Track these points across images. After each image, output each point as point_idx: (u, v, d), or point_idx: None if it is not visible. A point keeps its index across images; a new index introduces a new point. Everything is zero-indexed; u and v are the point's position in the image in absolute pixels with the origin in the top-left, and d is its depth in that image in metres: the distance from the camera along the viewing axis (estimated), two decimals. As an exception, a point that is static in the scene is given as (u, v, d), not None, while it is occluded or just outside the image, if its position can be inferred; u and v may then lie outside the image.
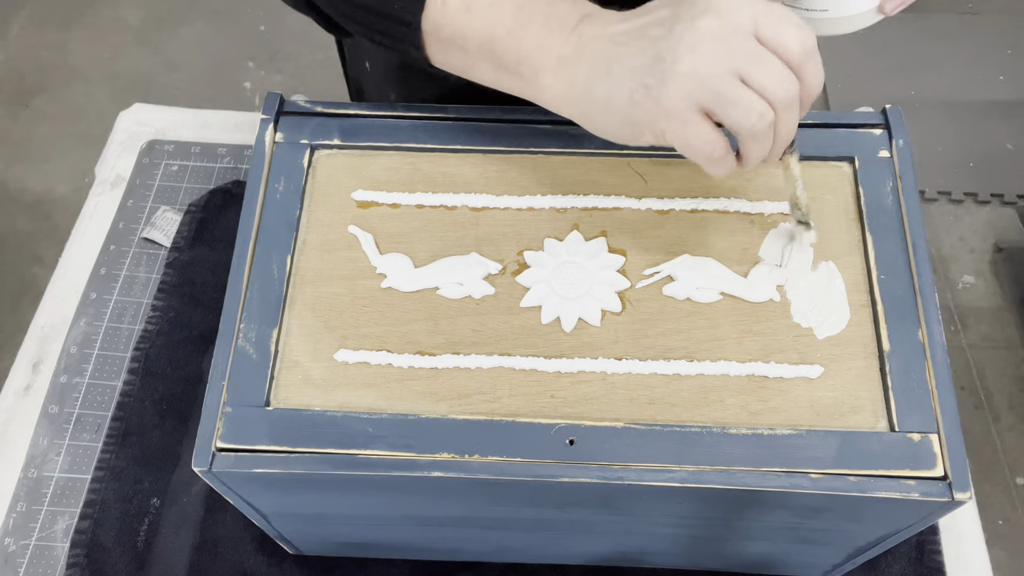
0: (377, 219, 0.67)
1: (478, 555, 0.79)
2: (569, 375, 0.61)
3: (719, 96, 0.53)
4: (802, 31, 0.53)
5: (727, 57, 0.53)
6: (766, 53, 0.53)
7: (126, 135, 1.07)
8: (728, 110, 0.54)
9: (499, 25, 0.60)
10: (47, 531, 0.83)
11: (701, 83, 0.53)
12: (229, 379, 0.60)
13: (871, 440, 0.57)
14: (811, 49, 0.53)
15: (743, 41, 0.53)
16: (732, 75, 0.53)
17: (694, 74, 0.53)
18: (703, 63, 0.53)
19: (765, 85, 0.53)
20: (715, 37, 0.53)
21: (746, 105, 0.53)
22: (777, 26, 0.53)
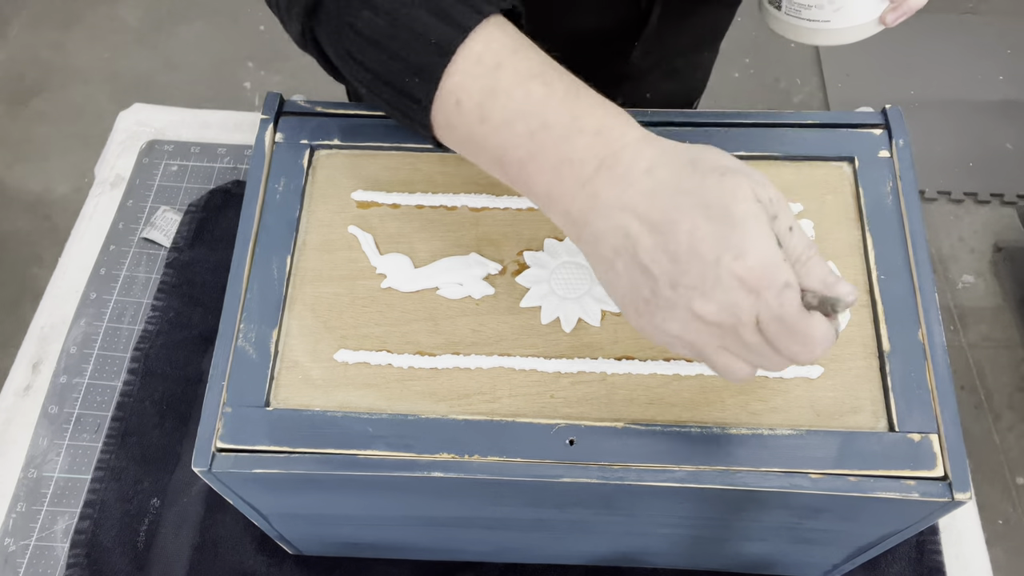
0: (377, 219, 0.67)
1: (478, 555, 0.79)
2: (569, 375, 0.61)
3: (699, 356, 0.51)
4: (810, 350, 0.48)
5: (715, 337, 0.49)
6: (763, 344, 0.48)
7: (126, 135, 1.07)
8: (717, 370, 0.51)
9: (511, 151, 0.53)
10: (47, 531, 0.83)
11: (685, 346, 0.50)
12: (229, 379, 0.60)
13: (871, 440, 0.57)
14: (811, 360, 0.49)
15: (741, 332, 0.48)
16: (720, 348, 0.49)
17: (679, 340, 0.50)
18: (691, 336, 0.49)
19: (755, 363, 0.50)
20: (706, 321, 0.48)
21: (724, 370, 0.50)
22: (784, 339, 0.48)
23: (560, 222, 0.54)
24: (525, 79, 0.53)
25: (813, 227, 0.66)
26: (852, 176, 0.68)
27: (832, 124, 0.69)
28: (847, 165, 0.68)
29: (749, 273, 0.46)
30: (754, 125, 0.69)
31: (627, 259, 0.49)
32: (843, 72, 2.39)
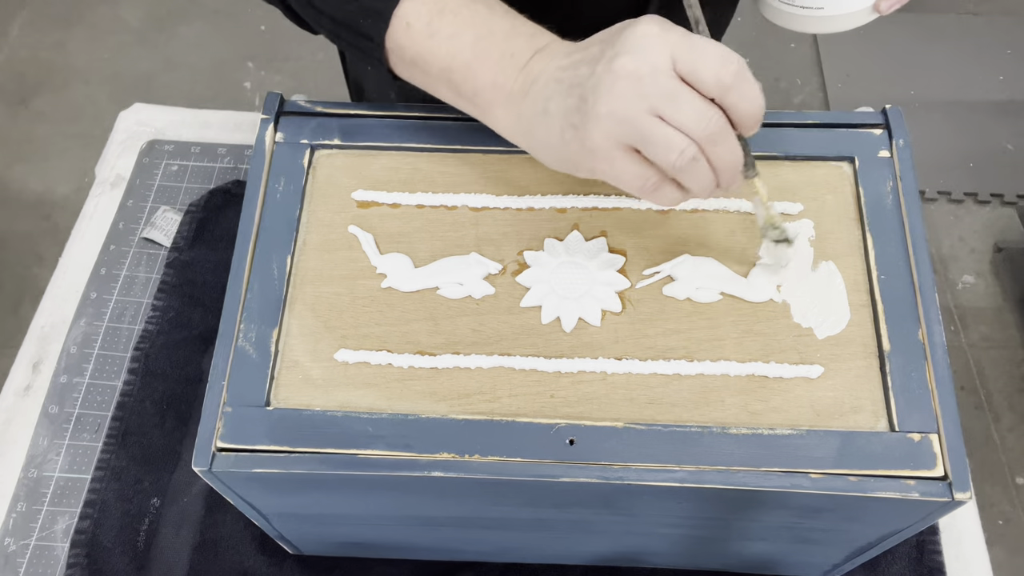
0: (377, 219, 0.67)
1: (478, 555, 0.79)
2: (569, 375, 0.61)
3: (639, 135, 0.54)
4: (720, 61, 0.53)
5: (643, 97, 0.53)
6: (683, 89, 0.53)
7: (126, 135, 1.07)
8: (649, 148, 0.55)
9: (458, 56, 0.62)
10: (47, 531, 0.83)
11: (620, 123, 0.54)
12: (229, 379, 0.60)
13: (871, 440, 0.57)
14: (731, 79, 0.53)
15: (659, 79, 0.53)
16: (649, 114, 0.53)
17: (612, 115, 0.54)
18: (620, 104, 0.54)
19: (683, 122, 0.53)
20: (631, 77, 0.53)
21: (664, 143, 0.54)
22: (694, 61, 0.53)
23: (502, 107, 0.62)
24: (470, 2, 0.63)
25: (813, 227, 0.66)
26: (852, 176, 0.68)
27: (832, 124, 0.69)
28: (847, 165, 0.68)
29: (654, 25, 0.54)
30: (754, 125, 0.69)
31: (556, 94, 0.58)
32: (843, 72, 2.39)
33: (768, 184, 0.68)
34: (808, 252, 0.65)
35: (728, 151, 0.55)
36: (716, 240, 0.66)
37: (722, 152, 0.55)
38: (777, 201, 0.67)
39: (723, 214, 0.67)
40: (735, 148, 0.56)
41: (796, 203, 0.67)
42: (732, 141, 0.55)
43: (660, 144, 0.54)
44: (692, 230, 0.66)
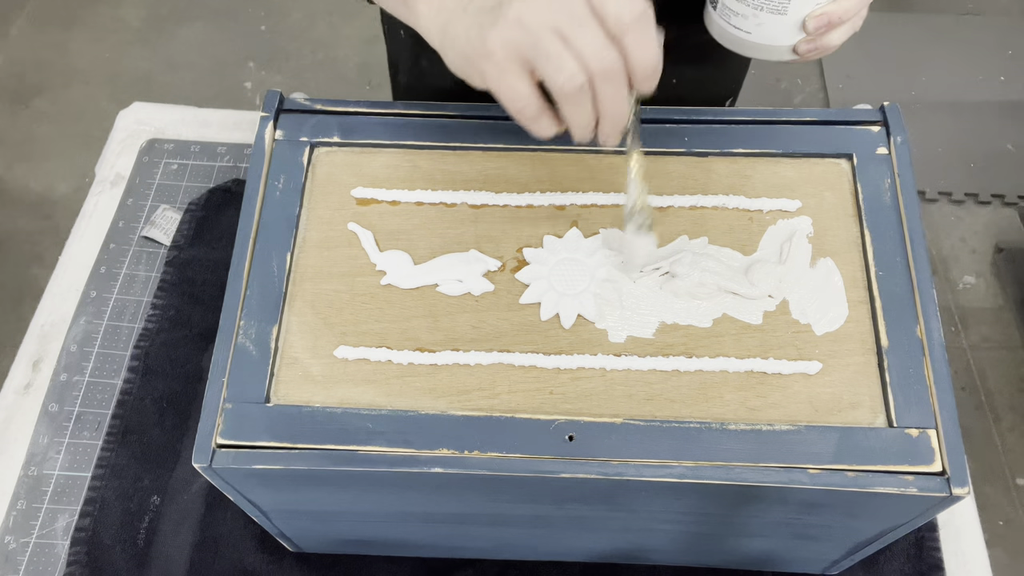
0: (377, 216, 0.67)
1: (478, 552, 0.80)
2: (568, 371, 0.61)
3: (536, 48, 0.54)
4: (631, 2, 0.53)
5: (552, 12, 0.53)
6: (590, 18, 0.53)
7: (126, 134, 1.07)
8: (541, 63, 0.55)
9: None
10: (47, 529, 0.83)
11: (523, 32, 0.54)
12: (229, 376, 0.60)
13: (869, 436, 0.57)
14: (632, 20, 0.53)
15: (572, 1, 0.53)
16: (553, 31, 0.54)
17: (518, 22, 0.54)
18: (529, 14, 0.54)
19: (582, 49, 0.54)
20: None
21: (557, 62, 0.54)
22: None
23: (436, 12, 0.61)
24: None
25: (812, 223, 0.66)
26: (851, 173, 0.68)
27: (831, 121, 0.70)
28: (846, 162, 0.68)
29: None
30: (754, 122, 0.70)
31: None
32: (844, 73, 2.39)
33: (767, 181, 0.68)
34: (806, 249, 0.65)
35: (614, 95, 0.56)
36: (715, 236, 0.66)
37: (609, 94, 0.55)
38: (775, 198, 0.67)
39: (722, 211, 0.67)
40: (622, 96, 0.56)
41: (794, 200, 0.67)
42: (622, 87, 0.55)
43: (553, 62, 0.54)
44: (691, 226, 0.66)
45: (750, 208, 0.67)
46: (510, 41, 0.55)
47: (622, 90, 0.55)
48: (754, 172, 0.68)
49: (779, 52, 0.68)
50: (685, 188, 0.68)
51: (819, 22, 0.65)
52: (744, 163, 0.69)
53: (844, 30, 0.67)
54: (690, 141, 0.69)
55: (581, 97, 0.55)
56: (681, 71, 0.96)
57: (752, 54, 0.69)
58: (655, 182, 0.68)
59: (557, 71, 0.54)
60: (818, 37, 0.66)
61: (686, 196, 0.67)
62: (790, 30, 0.66)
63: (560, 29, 0.53)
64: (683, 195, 0.68)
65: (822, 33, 0.66)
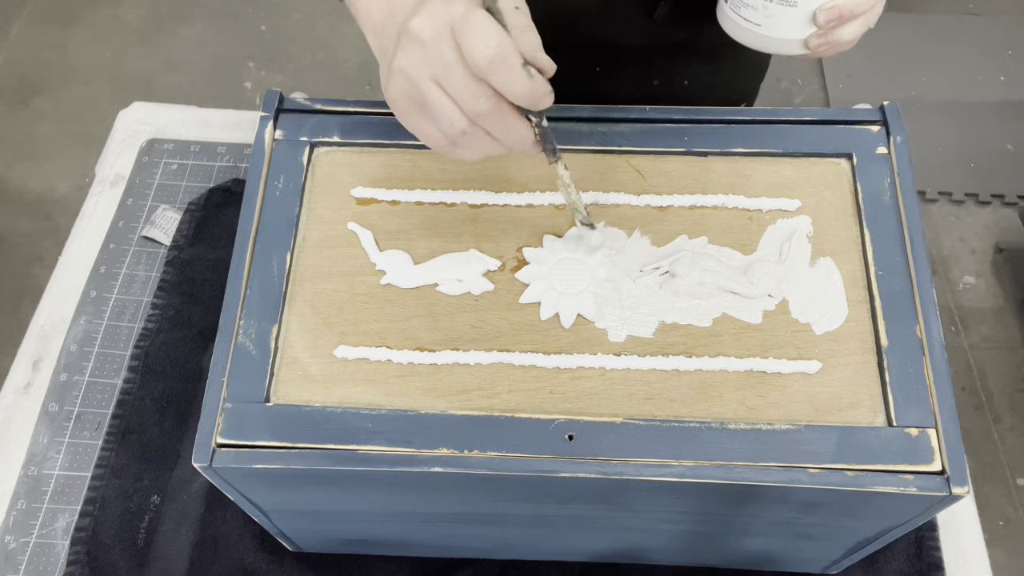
0: (376, 216, 0.67)
1: (478, 552, 0.80)
2: (568, 371, 0.61)
3: (421, 96, 0.56)
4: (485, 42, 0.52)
5: (425, 62, 0.55)
6: (456, 63, 0.54)
7: (126, 134, 1.07)
8: (427, 111, 0.56)
9: None
10: (47, 529, 0.83)
11: (407, 82, 0.56)
12: (229, 375, 0.60)
13: (869, 435, 0.57)
14: (490, 61, 0.53)
15: (440, 48, 0.54)
16: (431, 79, 0.55)
17: (401, 72, 0.56)
18: (407, 64, 0.55)
19: (455, 94, 0.54)
20: (416, 40, 0.55)
21: (436, 112, 0.55)
22: (465, 35, 0.53)
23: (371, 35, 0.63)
24: None
25: (811, 223, 0.66)
26: (850, 172, 0.68)
27: (830, 121, 0.70)
28: (845, 161, 0.68)
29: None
30: (753, 122, 0.70)
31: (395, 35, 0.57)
32: (844, 73, 2.39)
33: (767, 180, 0.68)
34: (806, 248, 0.65)
35: (504, 128, 0.56)
36: (714, 236, 0.66)
37: (495, 128, 0.56)
38: (775, 197, 0.67)
39: (721, 210, 0.67)
40: (513, 126, 0.56)
41: (794, 199, 0.67)
42: (508, 119, 0.56)
43: (434, 112, 0.56)
44: (690, 226, 0.66)
45: (750, 208, 0.67)
46: (401, 90, 0.57)
47: (507, 122, 0.56)
48: (754, 171, 0.68)
49: (789, 46, 0.68)
50: (684, 187, 0.68)
51: (830, 15, 0.64)
52: (744, 162, 0.69)
53: (857, 25, 0.66)
54: (690, 140, 0.69)
55: (471, 137, 0.56)
56: (693, 72, 0.96)
57: (762, 48, 0.69)
58: (655, 181, 0.68)
59: (439, 120, 0.56)
60: (829, 31, 0.66)
61: (685, 196, 0.67)
62: (801, 23, 0.66)
63: (435, 76, 0.55)
64: (682, 195, 0.68)
65: (833, 27, 0.65)
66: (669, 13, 0.85)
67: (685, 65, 0.95)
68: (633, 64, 0.93)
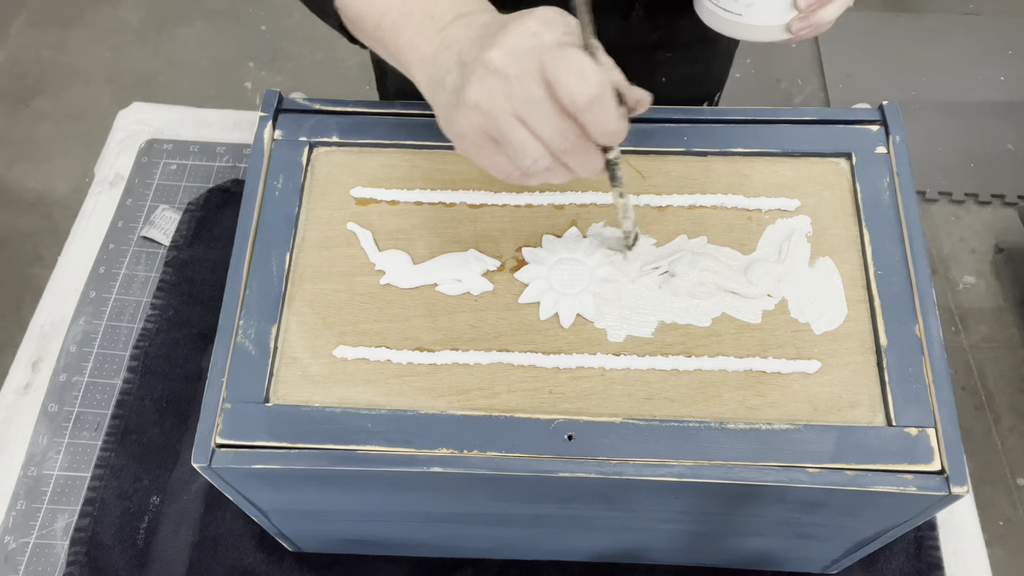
0: (376, 216, 0.67)
1: (477, 551, 0.80)
2: (568, 371, 0.61)
3: (499, 131, 0.54)
4: (585, 81, 0.51)
5: (507, 98, 0.53)
6: (546, 100, 0.52)
7: (125, 134, 1.07)
8: (506, 149, 0.55)
9: (387, 15, 0.62)
10: (47, 529, 0.83)
11: (484, 117, 0.54)
12: (228, 375, 0.60)
13: (868, 434, 0.57)
14: (589, 100, 0.51)
15: (526, 84, 0.52)
16: (512, 115, 0.53)
17: (478, 108, 0.54)
18: (485, 98, 0.53)
19: (541, 132, 0.53)
20: (498, 74, 0.53)
21: (519, 148, 0.54)
22: (559, 74, 0.51)
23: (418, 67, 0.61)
24: None
25: (811, 223, 0.66)
26: (849, 172, 0.68)
27: (830, 120, 0.70)
28: (844, 161, 0.68)
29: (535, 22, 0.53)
30: (752, 122, 0.70)
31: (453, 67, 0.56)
32: (844, 72, 2.39)
33: (766, 180, 0.68)
34: (805, 248, 0.65)
35: (583, 162, 0.55)
36: (714, 236, 0.66)
37: (575, 163, 0.55)
38: (774, 197, 0.67)
39: (721, 210, 0.67)
40: (592, 160, 0.55)
41: (793, 199, 0.67)
42: (586, 155, 0.55)
43: (516, 148, 0.54)
44: (690, 226, 0.66)
45: (749, 207, 0.67)
46: (475, 125, 0.55)
47: (587, 156, 0.55)
48: (753, 171, 0.68)
49: (771, 32, 0.67)
50: (684, 187, 0.68)
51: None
52: (743, 162, 0.69)
53: (837, 5, 0.66)
54: (689, 140, 0.69)
55: (551, 173, 0.55)
56: (669, 69, 0.96)
57: (744, 36, 0.68)
58: (654, 181, 0.68)
59: (522, 156, 0.54)
60: (811, 14, 0.65)
61: (685, 195, 0.67)
62: (781, 9, 0.65)
63: (519, 113, 0.53)
64: (682, 194, 0.68)
65: (814, 9, 0.65)
66: (644, 14, 0.85)
67: (662, 63, 0.95)
68: None
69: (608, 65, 0.54)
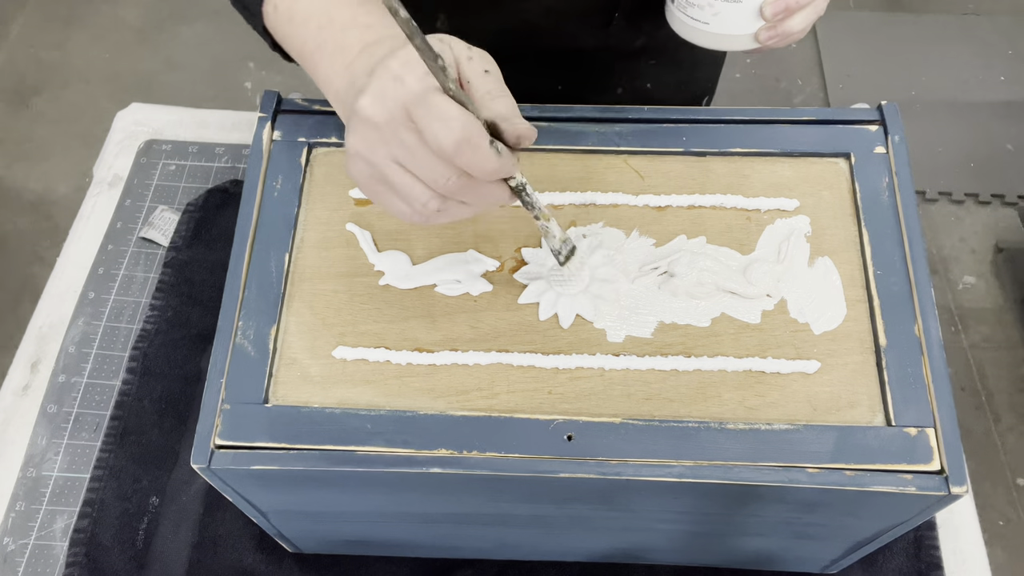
0: (375, 216, 0.67)
1: (477, 552, 0.80)
2: (567, 371, 0.61)
3: (384, 179, 0.54)
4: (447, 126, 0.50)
5: (383, 144, 0.53)
6: (419, 146, 0.52)
7: (123, 135, 1.07)
8: (395, 193, 0.55)
9: (305, 46, 0.63)
10: (46, 530, 0.83)
11: (367, 165, 0.54)
12: (227, 376, 0.60)
13: (868, 435, 0.57)
14: (456, 144, 0.50)
15: (397, 131, 0.52)
16: (391, 161, 0.53)
17: (359, 156, 0.54)
18: (363, 147, 0.54)
19: (423, 176, 0.53)
20: (370, 123, 0.53)
21: (407, 193, 0.54)
22: (421, 120, 0.51)
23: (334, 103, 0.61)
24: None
25: (810, 223, 0.66)
26: (848, 172, 0.68)
27: (828, 120, 0.69)
28: (843, 161, 0.68)
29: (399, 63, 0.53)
30: (751, 122, 0.70)
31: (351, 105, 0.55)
32: (844, 72, 2.39)
33: (765, 180, 0.68)
34: (804, 248, 0.65)
35: (481, 197, 0.55)
36: (713, 236, 0.66)
37: (474, 199, 0.55)
38: (773, 197, 0.67)
39: (720, 210, 0.67)
40: (490, 193, 0.54)
41: (792, 199, 0.67)
42: (483, 189, 0.54)
43: (404, 193, 0.54)
44: (689, 226, 0.66)
45: (748, 207, 0.67)
46: (362, 173, 0.55)
47: (483, 191, 0.54)
48: (752, 171, 0.68)
49: (740, 41, 0.67)
50: (683, 187, 0.68)
51: (776, 7, 0.64)
52: (742, 162, 0.69)
53: (805, 14, 0.66)
54: (688, 141, 0.69)
55: (445, 213, 0.55)
56: (655, 75, 0.96)
57: (713, 45, 0.69)
58: (653, 181, 0.68)
59: (411, 200, 0.54)
60: (778, 24, 0.65)
61: (684, 196, 0.67)
62: (748, 18, 0.66)
63: (397, 159, 0.53)
64: (681, 195, 0.68)
65: (781, 19, 0.65)
66: (625, 24, 0.85)
67: (646, 69, 0.95)
68: (593, 74, 0.93)
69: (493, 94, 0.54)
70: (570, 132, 0.69)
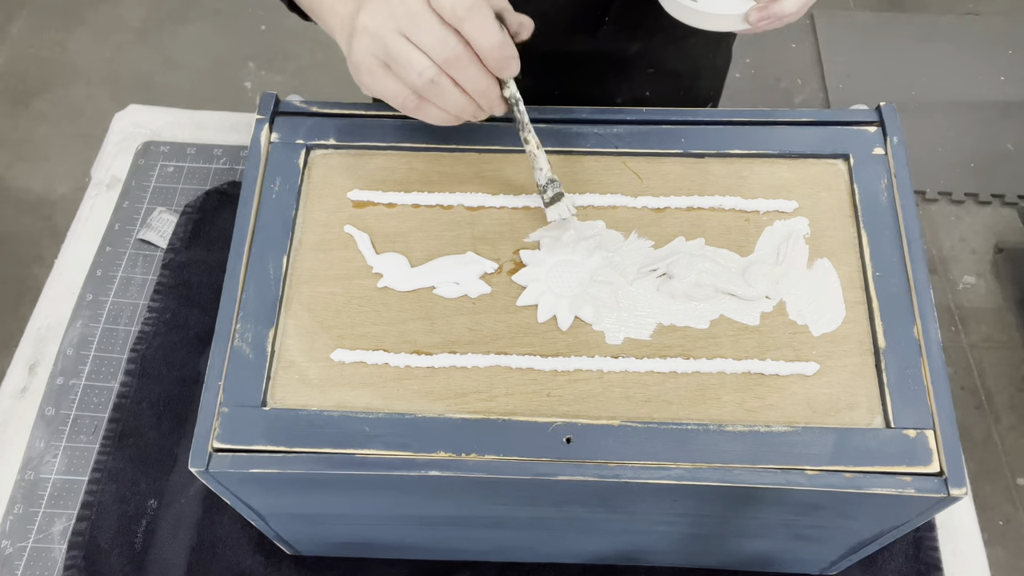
0: (373, 219, 0.67)
1: (476, 554, 0.79)
2: (566, 373, 0.61)
3: (386, 51, 0.57)
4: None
5: (392, 16, 0.56)
6: (426, 13, 0.56)
7: (121, 136, 1.07)
8: (393, 66, 0.58)
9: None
10: (44, 533, 0.83)
11: (373, 39, 0.57)
12: (225, 379, 0.60)
13: (867, 436, 0.57)
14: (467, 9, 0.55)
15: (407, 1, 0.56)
16: (396, 32, 0.56)
17: (366, 31, 0.57)
18: (372, 20, 0.57)
19: (423, 44, 0.56)
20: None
21: (405, 62, 0.57)
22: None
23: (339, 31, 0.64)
24: None
25: (809, 224, 0.66)
26: (847, 173, 0.68)
27: (827, 122, 0.69)
28: (842, 162, 0.68)
29: None
30: (750, 123, 0.70)
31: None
32: (844, 72, 2.39)
33: (764, 182, 0.68)
34: (803, 249, 0.65)
35: (470, 77, 0.58)
36: (711, 237, 0.66)
37: (464, 77, 0.58)
38: (772, 199, 0.67)
39: (718, 212, 0.67)
40: (478, 75, 0.58)
41: (791, 200, 0.67)
42: (473, 68, 0.57)
43: (402, 63, 0.57)
44: (688, 228, 0.66)
45: (747, 209, 0.67)
46: (366, 50, 0.58)
47: (475, 70, 0.58)
48: (751, 173, 0.68)
49: (729, 22, 0.66)
50: (681, 189, 0.68)
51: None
52: (741, 164, 0.69)
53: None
54: (686, 142, 0.69)
55: (438, 88, 0.58)
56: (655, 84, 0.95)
57: (703, 25, 0.67)
58: (652, 182, 0.68)
59: (407, 70, 0.57)
60: (769, 4, 0.64)
61: (682, 197, 0.67)
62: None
63: (402, 29, 0.56)
64: (679, 196, 0.67)
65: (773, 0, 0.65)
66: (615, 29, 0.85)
67: (645, 77, 0.95)
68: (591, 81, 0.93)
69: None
70: (568, 134, 0.69)
